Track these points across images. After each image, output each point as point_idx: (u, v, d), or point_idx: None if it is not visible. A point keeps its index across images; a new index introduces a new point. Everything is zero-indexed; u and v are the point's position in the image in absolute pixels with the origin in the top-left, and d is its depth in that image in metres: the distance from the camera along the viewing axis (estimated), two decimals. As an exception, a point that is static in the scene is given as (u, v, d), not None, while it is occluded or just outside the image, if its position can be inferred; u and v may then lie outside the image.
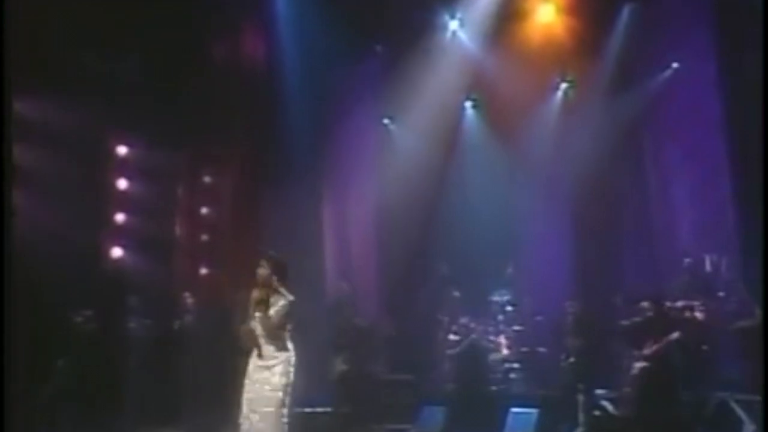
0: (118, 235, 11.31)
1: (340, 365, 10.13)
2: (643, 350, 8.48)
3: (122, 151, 11.50)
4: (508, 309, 10.75)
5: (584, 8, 11.43)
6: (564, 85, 11.85)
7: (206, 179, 12.28)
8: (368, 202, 12.28)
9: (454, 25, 11.90)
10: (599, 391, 9.09)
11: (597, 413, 8.88)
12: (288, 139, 11.71)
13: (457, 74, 11.85)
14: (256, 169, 11.99)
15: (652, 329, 8.60)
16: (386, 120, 12.50)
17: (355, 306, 10.97)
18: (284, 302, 6.11)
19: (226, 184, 12.19)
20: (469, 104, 12.38)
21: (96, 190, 10.98)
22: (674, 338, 8.44)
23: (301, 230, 11.74)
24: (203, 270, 12.00)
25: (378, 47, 12.09)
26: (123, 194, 11.45)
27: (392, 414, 9.87)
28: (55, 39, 9.90)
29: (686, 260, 9.64)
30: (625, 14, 11.28)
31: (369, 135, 12.37)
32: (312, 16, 11.36)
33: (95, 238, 10.93)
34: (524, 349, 10.54)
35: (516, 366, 10.46)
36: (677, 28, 10.84)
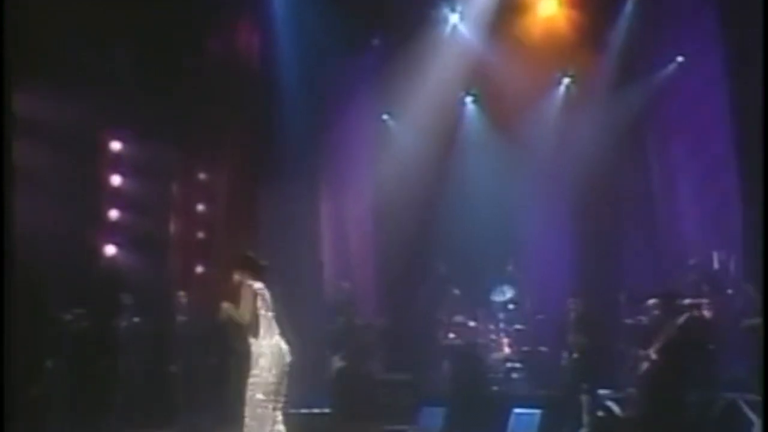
0: (112, 233, 11.23)
1: (337, 365, 10.05)
2: (650, 349, 8.30)
3: (116, 147, 11.41)
4: (509, 307, 10.63)
5: (587, 1, 11.32)
6: (566, 80, 11.72)
7: (202, 176, 12.18)
8: (366, 199, 12.17)
9: (454, 19, 11.83)
10: (603, 392, 8.97)
11: (601, 414, 8.74)
12: (284, 135, 11.64)
13: (457, 69, 11.72)
14: (253, 166, 11.90)
15: (659, 328, 8.44)
16: (385, 116, 12.37)
17: (353, 305, 10.86)
18: (249, 289, 6.10)
19: (222, 181, 12.11)
20: (469, 99, 12.27)
21: (89, 187, 10.93)
22: (681, 337, 8.26)
23: (298, 228, 11.67)
24: (198, 268, 11.91)
25: (375, 41, 11.97)
26: (117, 191, 11.36)
27: (390, 415, 9.75)
28: (49, 34, 9.86)
29: (692, 257, 9.45)
30: (629, 7, 11.14)
31: (367, 130, 12.26)
32: (308, 9, 11.27)
33: (88, 236, 10.87)
34: (526, 349, 10.42)
35: (517, 365, 10.34)
36: (682, 21, 10.73)
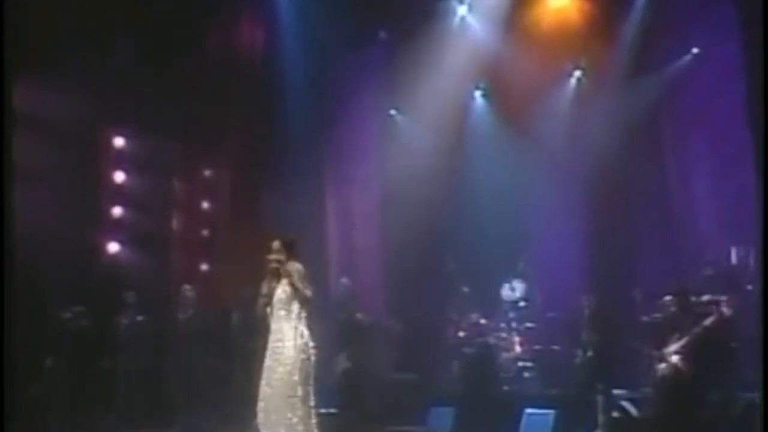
0: (115, 230, 11.17)
1: (343, 365, 9.84)
2: (668, 348, 8.09)
3: (119, 143, 11.33)
4: (520, 305, 10.48)
5: (599, -9, 11.19)
6: (577, 73, 11.55)
7: (206, 172, 12.11)
8: (373, 196, 12.04)
9: (463, 10, 11.69)
10: (619, 391, 8.78)
11: (616, 414, 8.54)
12: (289, 131, 11.53)
13: (466, 62, 11.55)
14: (257, 162, 11.81)
15: (676, 325, 8.22)
16: (392, 111, 12.24)
17: (359, 302, 10.60)
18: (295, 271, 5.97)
19: (226, 178, 12.04)
20: (478, 93, 12.13)
21: (91, 183, 10.89)
22: (700, 335, 8.01)
23: (303, 225, 11.39)
24: (203, 266, 11.84)
25: (382, 33, 11.80)
26: (119, 187, 11.29)
27: (398, 416, 9.61)
28: (50, 30, 9.79)
29: (709, 252, 9.19)
30: (642, -3, 10.98)
31: (373, 125, 12.13)
32: (313, 2, 11.20)
33: (90, 233, 10.81)
34: (537, 347, 10.27)
35: (529, 365, 10.19)
36: (697, 12, 10.54)
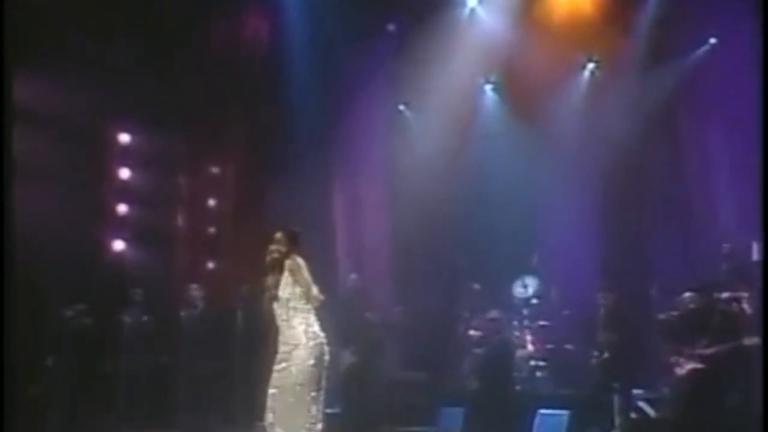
0: (119, 227, 11.12)
1: (350, 363, 9.71)
2: (687, 347, 7.82)
3: (124, 140, 11.29)
4: (533, 302, 10.31)
5: (613, -20, 11.07)
6: (591, 65, 11.36)
7: (212, 169, 12.08)
8: (382, 192, 11.95)
9: (473, 2, 11.62)
10: (636, 392, 8.60)
11: (634, 416, 8.37)
12: (296, 126, 11.42)
13: (476, 55, 11.39)
14: (263, 158, 11.74)
15: (695, 323, 7.95)
16: (401, 106, 12.13)
17: (367, 299, 10.57)
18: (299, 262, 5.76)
19: (232, 174, 12.01)
20: (489, 87, 11.97)
21: (96, 180, 10.81)
22: (721, 333, 7.74)
23: (310, 220, 11.19)
24: (209, 264, 11.81)
25: (390, 26, 11.71)
26: (124, 184, 11.24)
27: (406, 416, 9.45)
28: (52, 22, 9.75)
29: (728, 247, 8.93)
30: (658, -14, 10.80)
31: (381, 120, 12.03)
32: None
33: (95, 231, 10.78)
34: (550, 346, 10.08)
35: (542, 364, 10.02)
36: (714, 0, 10.30)
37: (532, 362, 9.97)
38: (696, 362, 7.73)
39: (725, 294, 8.30)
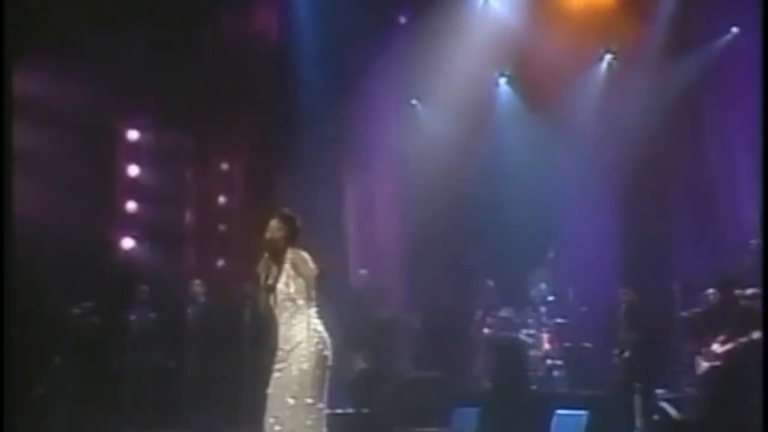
0: (129, 225, 11.13)
1: (361, 362, 9.67)
2: (713, 346, 7.67)
3: (133, 136, 11.29)
4: (550, 299, 10.05)
5: (631, -31, 10.93)
6: (608, 57, 11.14)
7: (222, 165, 12.03)
8: (394, 188, 11.84)
9: None
10: (658, 392, 8.39)
11: (656, 417, 8.09)
12: (306, 121, 11.34)
13: (490, 47, 11.23)
14: (274, 154, 11.64)
15: (719, 321, 7.83)
16: (414, 100, 11.99)
17: (379, 297, 10.46)
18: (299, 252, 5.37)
19: (242, 170, 11.95)
20: (503, 80, 11.78)
21: (105, 177, 10.79)
22: (746, 331, 7.56)
23: (322, 218, 11.11)
24: (219, 262, 11.73)
25: (402, 18, 11.64)
26: (133, 181, 11.24)
27: (419, 416, 9.28)
28: (59, 16, 9.72)
29: (753, 241, 8.69)
30: (677, -25, 10.65)
31: (393, 115, 11.92)
32: None
33: (104, 228, 10.78)
34: (568, 344, 9.88)
35: (559, 363, 9.82)
36: (735, -11, 10.14)
37: (549, 361, 9.79)
38: (719, 361, 7.58)
39: (750, 291, 8.12)
